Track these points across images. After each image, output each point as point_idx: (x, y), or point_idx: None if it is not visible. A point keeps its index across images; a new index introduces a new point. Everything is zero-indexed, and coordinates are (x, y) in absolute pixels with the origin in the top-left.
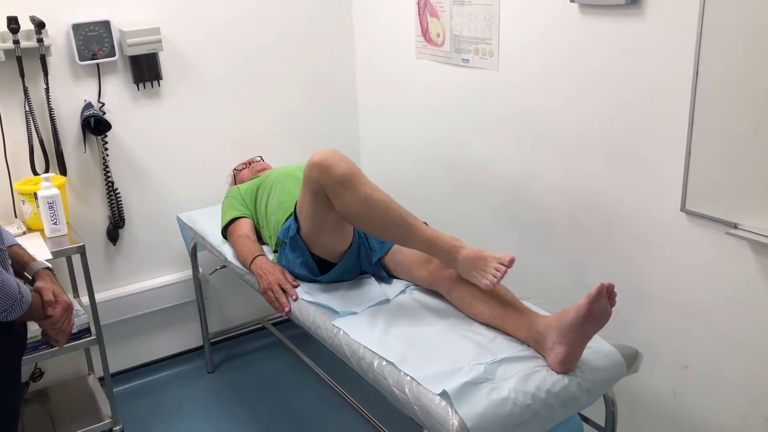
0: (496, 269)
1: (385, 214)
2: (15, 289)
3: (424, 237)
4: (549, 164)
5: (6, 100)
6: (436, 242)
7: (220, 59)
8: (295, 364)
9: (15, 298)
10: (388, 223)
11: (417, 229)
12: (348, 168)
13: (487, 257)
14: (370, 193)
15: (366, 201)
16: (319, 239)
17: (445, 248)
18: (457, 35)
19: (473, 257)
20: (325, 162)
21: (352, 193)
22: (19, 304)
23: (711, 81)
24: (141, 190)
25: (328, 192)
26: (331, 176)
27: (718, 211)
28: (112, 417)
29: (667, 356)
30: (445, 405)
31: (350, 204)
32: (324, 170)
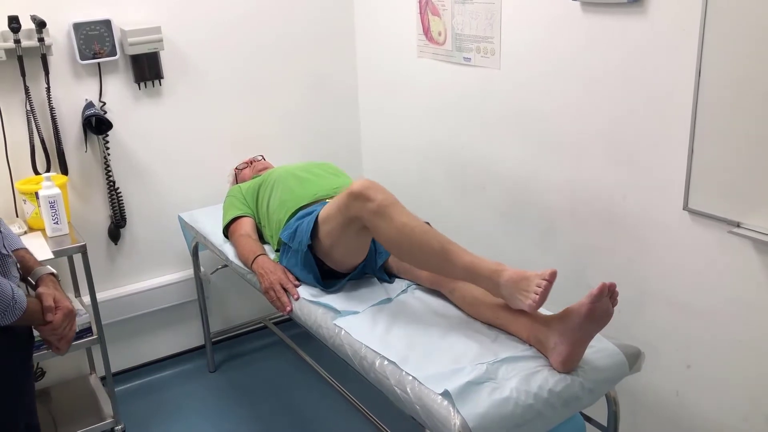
0: (538, 285)
1: (422, 242)
2: (8, 294)
3: (463, 264)
4: (551, 163)
5: (7, 99)
6: (477, 269)
7: (221, 59)
8: (297, 364)
9: (8, 303)
10: (426, 252)
11: (456, 256)
12: (385, 198)
13: (529, 276)
14: (405, 222)
15: (402, 230)
16: (334, 254)
17: (486, 274)
18: (459, 34)
19: (516, 278)
20: (364, 193)
21: (388, 223)
22: (12, 310)
23: (714, 79)
24: (142, 189)
25: (366, 223)
26: (368, 207)
27: (720, 210)
28: (113, 416)
29: (669, 356)
30: (447, 405)
31: (387, 233)
32: (362, 201)
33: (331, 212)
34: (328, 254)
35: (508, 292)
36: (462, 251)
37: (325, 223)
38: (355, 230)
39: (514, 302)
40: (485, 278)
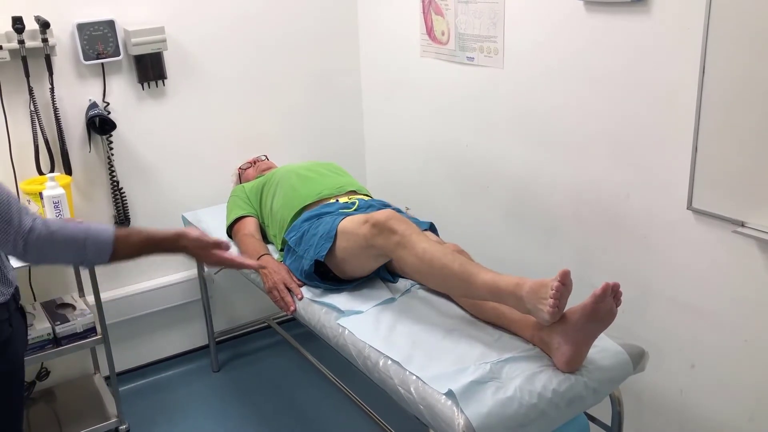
0: (551, 289)
1: (443, 266)
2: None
3: (484, 283)
4: (554, 162)
5: (11, 100)
6: (499, 286)
7: (225, 58)
8: (301, 363)
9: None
10: (447, 275)
11: (476, 277)
12: (406, 229)
13: (546, 283)
14: (426, 248)
15: (423, 256)
16: (344, 267)
17: (509, 289)
18: (462, 33)
19: (535, 288)
20: (388, 225)
21: (409, 252)
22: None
23: (718, 78)
24: (146, 189)
25: (389, 254)
26: (390, 239)
27: (724, 209)
28: (117, 416)
29: (673, 355)
30: (451, 404)
31: (410, 262)
32: (384, 234)
33: (352, 234)
34: (337, 265)
35: (532, 305)
36: (482, 269)
37: (343, 240)
38: (374, 255)
39: (539, 315)
40: (509, 295)
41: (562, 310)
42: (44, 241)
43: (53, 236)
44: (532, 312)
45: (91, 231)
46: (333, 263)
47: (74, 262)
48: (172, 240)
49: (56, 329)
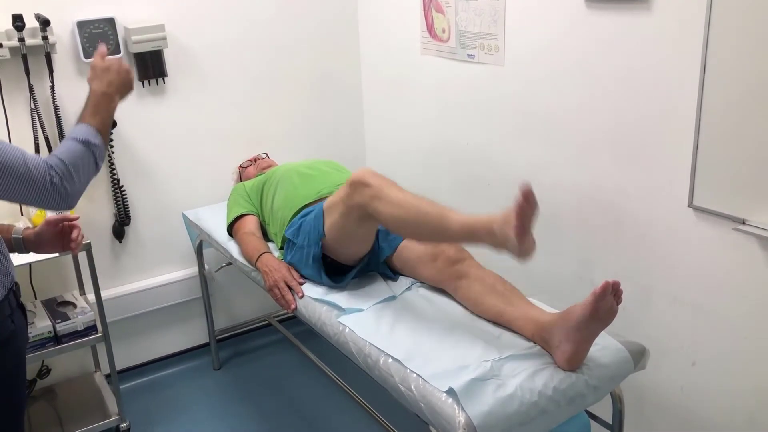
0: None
1: (418, 213)
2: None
3: (460, 225)
4: (555, 159)
5: (12, 97)
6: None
7: (225, 57)
8: (301, 361)
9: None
10: (424, 222)
11: (451, 220)
12: (380, 181)
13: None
14: (401, 196)
15: (400, 204)
16: (341, 247)
17: (482, 225)
18: (463, 31)
19: (503, 217)
20: (362, 180)
21: (385, 202)
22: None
23: (719, 76)
24: (146, 187)
25: (368, 209)
26: (366, 193)
27: (726, 206)
28: (118, 414)
29: (674, 353)
30: (452, 402)
31: (386, 211)
32: (360, 188)
33: (333, 204)
34: (333, 247)
35: (502, 236)
36: (455, 212)
37: (329, 215)
38: (357, 218)
39: (510, 245)
40: (483, 232)
41: (528, 231)
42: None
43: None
44: (504, 245)
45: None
46: (329, 246)
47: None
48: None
49: (57, 327)
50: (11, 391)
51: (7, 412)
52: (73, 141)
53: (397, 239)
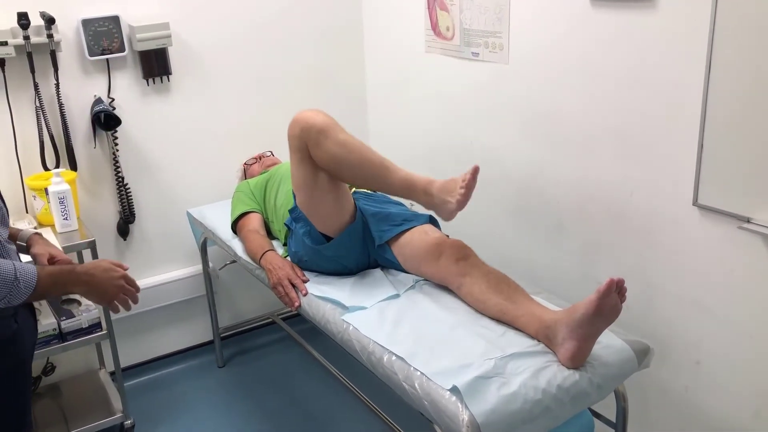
0: (463, 180)
1: (362, 156)
2: (9, 277)
3: (400, 178)
4: (560, 158)
5: (17, 95)
6: (412, 181)
7: (230, 54)
8: (305, 359)
9: (9, 286)
10: (366, 165)
11: (394, 171)
12: (325, 118)
13: (456, 179)
14: (346, 138)
15: (344, 145)
16: (317, 208)
17: (421, 185)
18: (467, 29)
19: (444, 184)
20: (304, 116)
21: (331, 140)
22: (17, 290)
23: (724, 74)
24: (151, 185)
25: (310, 144)
26: (310, 127)
27: (730, 205)
28: (123, 411)
29: (678, 351)
30: (455, 400)
31: (329, 150)
32: (303, 124)
33: (291, 162)
34: (313, 213)
35: (439, 200)
36: (399, 168)
37: (294, 178)
38: (312, 165)
39: (445, 207)
40: (420, 191)
41: (466, 202)
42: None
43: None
44: (437, 206)
45: (21, 269)
46: (310, 213)
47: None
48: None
49: (62, 325)
50: (15, 390)
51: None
52: (11, 267)
53: (392, 230)
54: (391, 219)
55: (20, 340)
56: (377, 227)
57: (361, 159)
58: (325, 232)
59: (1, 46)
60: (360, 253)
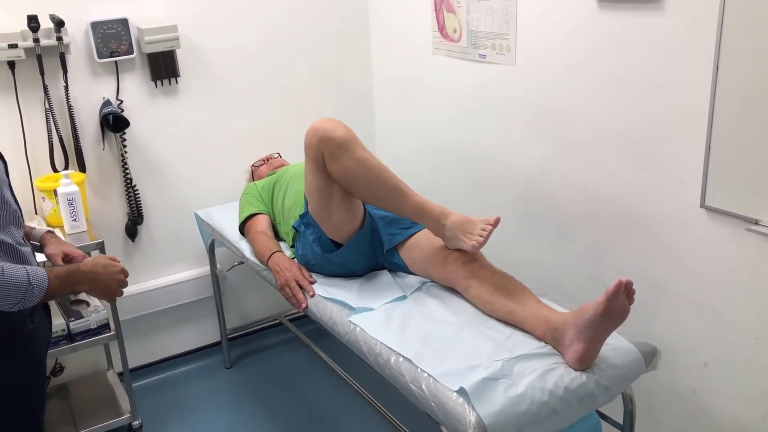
0: (483, 229)
1: (378, 177)
2: (24, 283)
3: (414, 202)
4: (566, 160)
5: (26, 97)
6: (425, 208)
7: (237, 56)
8: (312, 360)
9: (24, 290)
10: (381, 187)
11: (408, 195)
12: (346, 132)
13: (474, 221)
14: (366, 157)
15: (361, 163)
16: (328, 216)
17: (434, 215)
18: (474, 30)
19: (461, 221)
20: (324, 127)
21: (348, 156)
22: (31, 295)
23: (731, 75)
24: (159, 186)
25: (326, 155)
26: (330, 140)
27: (738, 207)
28: (131, 412)
29: (686, 354)
30: (463, 402)
31: (346, 166)
32: (323, 135)
33: (305, 169)
34: (324, 220)
35: (451, 234)
36: (414, 193)
37: (308, 185)
38: (327, 175)
39: (457, 243)
40: (432, 219)
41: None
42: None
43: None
44: (448, 239)
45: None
46: (321, 219)
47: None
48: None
49: (70, 325)
50: (30, 390)
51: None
52: (24, 273)
53: (402, 233)
54: (399, 222)
55: (36, 340)
56: (386, 231)
57: (377, 180)
58: (335, 238)
59: (11, 49)
60: (368, 258)
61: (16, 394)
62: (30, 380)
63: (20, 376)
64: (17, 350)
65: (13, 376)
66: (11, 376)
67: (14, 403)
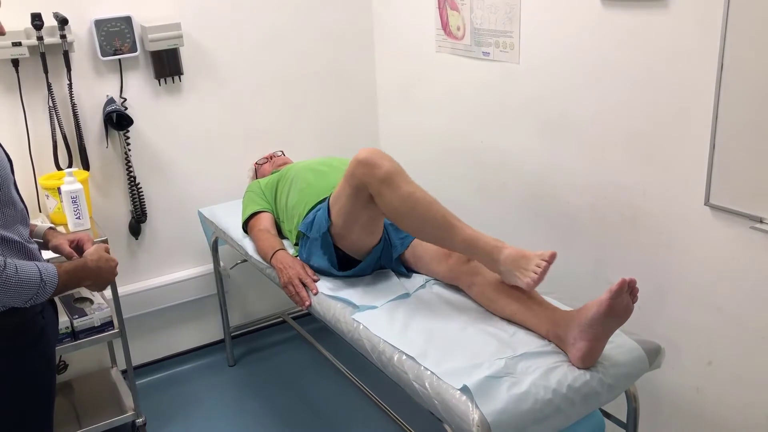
0: (537, 265)
1: (425, 212)
2: (36, 279)
3: (464, 238)
4: (571, 158)
5: (30, 95)
6: (477, 243)
7: (241, 54)
8: (315, 358)
9: (36, 286)
10: (428, 223)
11: (457, 229)
12: (391, 166)
13: (529, 256)
14: (411, 191)
15: (407, 199)
16: (349, 234)
17: (486, 249)
18: (478, 28)
19: (515, 257)
20: (370, 160)
21: (394, 191)
22: (43, 290)
23: (736, 74)
24: (162, 184)
25: (371, 190)
26: (374, 174)
27: (742, 205)
28: (134, 409)
29: (690, 352)
30: (466, 400)
31: (392, 202)
32: (368, 168)
33: (339, 187)
34: (343, 236)
35: (506, 269)
36: (464, 225)
37: (336, 202)
38: (363, 201)
39: (512, 279)
40: (485, 253)
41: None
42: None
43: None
44: (503, 274)
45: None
46: (338, 235)
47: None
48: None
49: (74, 323)
50: (41, 386)
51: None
52: (35, 269)
53: (410, 237)
54: None
55: (46, 336)
56: (397, 235)
57: (423, 215)
58: (350, 253)
59: (15, 47)
60: (373, 266)
61: (29, 391)
62: (42, 377)
63: (33, 374)
64: (30, 348)
65: (26, 374)
66: (24, 373)
67: (27, 400)
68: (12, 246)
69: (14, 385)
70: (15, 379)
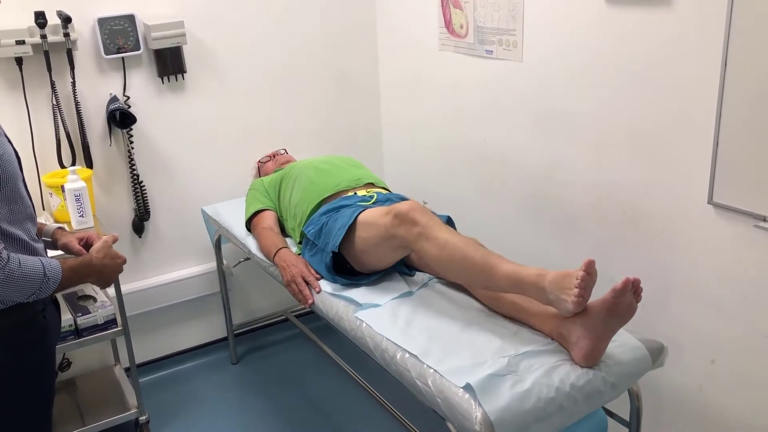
0: (576, 278)
1: (463, 258)
2: (39, 273)
3: (505, 274)
4: (573, 156)
5: (34, 94)
6: (520, 277)
7: (244, 52)
8: (318, 356)
9: (40, 281)
10: (468, 268)
11: (497, 267)
12: (429, 220)
13: (571, 274)
14: (446, 239)
15: (444, 248)
16: (363, 259)
17: (530, 280)
18: (481, 26)
19: (558, 279)
20: (410, 215)
21: (432, 243)
22: (47, 285)
23: (740, 72)
24: (166, 182)
25: (411, 245)
26: (413, 231)
27: (746, 203)
28: (138, 407)
29: (693, 351)
30: (469, 398)
31: (432, 253)
32: (408, 224)
33: (373, 223)
34: (355, 257)
35: (554, 297)
36: (503, 260)
37: (364, 231)
38: (393, 247)
39: (562, 305)
40: (530, 286)
41: (587, 300)
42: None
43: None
44: (554, 303)
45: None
46: (352, 255)
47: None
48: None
49: (78, 321)
50: (41, 385)
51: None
52: (39, 264)
53: None
54: None
55: (48, 335)
56: None
57: (462, 261)
58: (355, 266)
59: (19, 45)
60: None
61: (29, 391)
62: (42, 376)
63: (33, 373)
64: (31, 348)
65: (26, 373)
66: (25, 372)
67: (26, 399)
68: (17, 244)
69: (14, 384)
70: (15, 378)
